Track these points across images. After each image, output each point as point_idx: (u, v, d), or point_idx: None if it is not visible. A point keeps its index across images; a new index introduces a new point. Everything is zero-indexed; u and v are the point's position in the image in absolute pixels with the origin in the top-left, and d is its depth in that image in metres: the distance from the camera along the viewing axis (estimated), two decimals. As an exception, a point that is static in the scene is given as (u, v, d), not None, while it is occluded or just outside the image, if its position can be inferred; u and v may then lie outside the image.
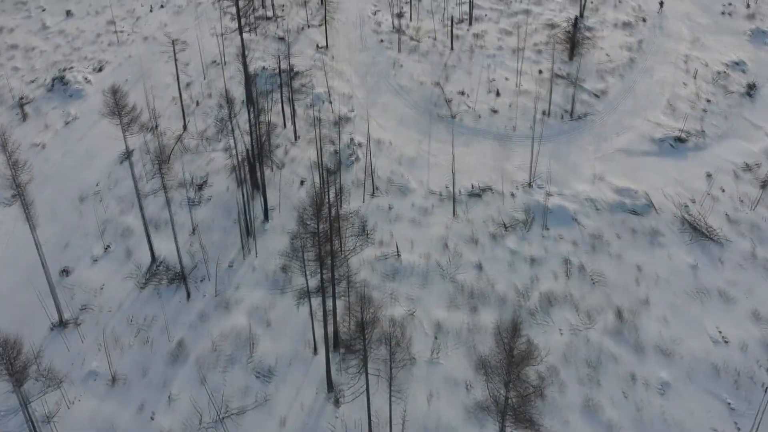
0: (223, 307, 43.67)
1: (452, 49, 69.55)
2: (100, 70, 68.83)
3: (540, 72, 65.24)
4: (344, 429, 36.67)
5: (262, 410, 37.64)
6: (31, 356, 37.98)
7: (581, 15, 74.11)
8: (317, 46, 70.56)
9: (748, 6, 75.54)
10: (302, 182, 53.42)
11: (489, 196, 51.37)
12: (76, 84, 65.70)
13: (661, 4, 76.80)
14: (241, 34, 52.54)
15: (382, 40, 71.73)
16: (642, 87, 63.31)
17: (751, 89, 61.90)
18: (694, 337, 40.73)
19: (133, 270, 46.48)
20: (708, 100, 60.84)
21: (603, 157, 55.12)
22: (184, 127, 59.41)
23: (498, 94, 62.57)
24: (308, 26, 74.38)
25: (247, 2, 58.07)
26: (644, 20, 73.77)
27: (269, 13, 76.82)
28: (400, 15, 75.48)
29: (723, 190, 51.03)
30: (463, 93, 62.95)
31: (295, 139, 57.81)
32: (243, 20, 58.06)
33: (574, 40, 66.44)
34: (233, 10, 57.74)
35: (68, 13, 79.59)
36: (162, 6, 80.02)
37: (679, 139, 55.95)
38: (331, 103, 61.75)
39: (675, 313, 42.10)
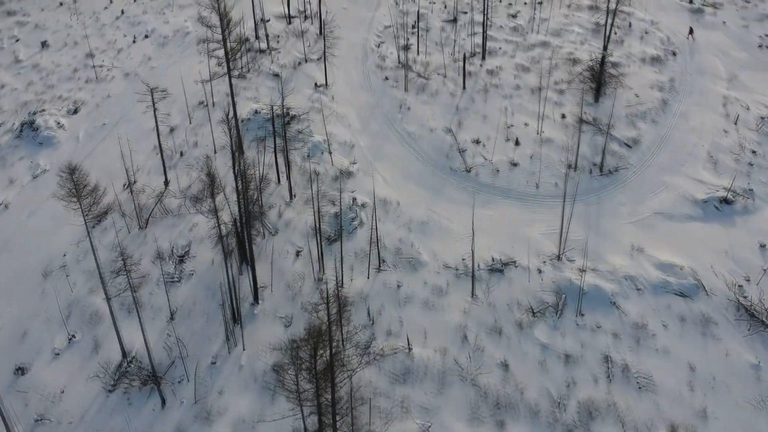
0: (203, 418, 36.96)
1: (464, 88, 62.98)
2: (75, 112, 62.16)
3: (563, 116, 58.65)
4: None
5: None
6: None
7: (605, 48, 67.50)
8: (315, 84, 63.98)
9: (787, 38, 69.18)
10: (298, 253, 46.80)
11: (512, 272, 44.77)
12: (47, 130, 59.02)
13: (691, 30, 70.33)
14: (231, 93, 45.79)
15: (386, 78, 65.16)
16: (678, 135, 56.73)
17: (800, 138, 55.42)
18: (764, 463, 34.16)
19: (101, 368, 39.77)
20: (753, 152, 54.27)
21: (640, 222, 48.50)
22: (166, 183, 52.76)
23: (517, 143, 55.97)
24: (306, 60, 67.82)
25: (236, 44, 51.52)
26: (674, 54, 67.24)
27: (263, 45, 70.27)
28: (406, 48, 68.93)
29: (781, 266, 44.49)
30: (478, 141, 56.36)
31: (291, 198, 51.20)
32: (231, 63, 51.53)
33: (600, 80, 59.89)
34: (221, 52, 51.26)
35: (44, 44, 73.03)
36: (146, 36, 73.45)
37: (725, 201, 49.37)
38: (330, 153, 55.16)
39: (738, 430, 35.45)
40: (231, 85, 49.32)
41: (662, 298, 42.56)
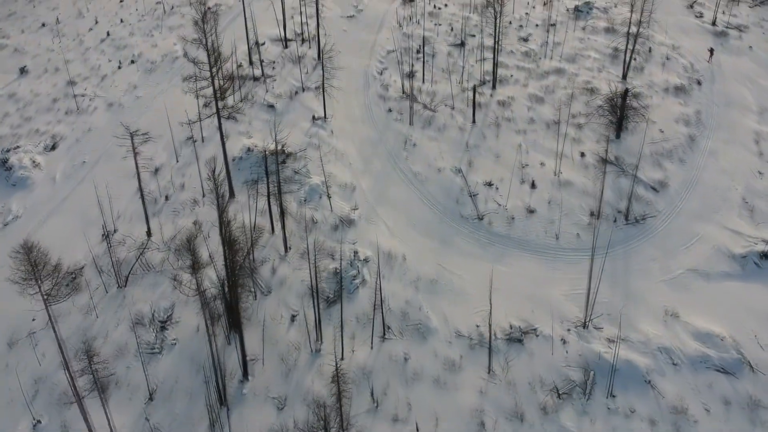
0: None
1: (474, 121, 58.25)
2: (53, 148, 57.40)
3: (582, 155, 53.93)
4: None
5: None
6: None
7: (624, 76, 62.93)
8: (313, 117, 59.24)
9: (819, 65, 64.55)
10: (293, 318, 42.04)
11: (533, 342, 40.02)
12: (22, 169, 54.24)
13: (711, 52, 65.92)
14: (222, 140, 41.01)
15: (390, 109, 60.41)
16: (708, 177, 52.05)
17: (842, 181, 50.78)
18: None
19: (67, 462, 35.05)
20: (792, 197, 49.66)
21: (672, 280, 43.77)
22: (148, 233, 47.98)
23: (533, 185, 51.26)
24: (303, 89, 63.09)
25: (226, 81, 46.80)
26: (699, 83, 62.55)
27: (257, 72, 65.50)
28: (410, 75, 64.20)
29: (834, 336, 39.77)
30: (490, 184, 51.63)
31: (286, 250, 46.47)
32: (221, 102, 46.83)
33: (622, 115, 55.17)
34: (209, 89, 46.54)
35: (22, 70, 68.24)
36: (132, 62, 68.64)
37: (765, 256, 44.66)
38: (329, 197, 50.41)
39: None
40: (221, 131, 44.56)
41: (702, 375, 37.83)
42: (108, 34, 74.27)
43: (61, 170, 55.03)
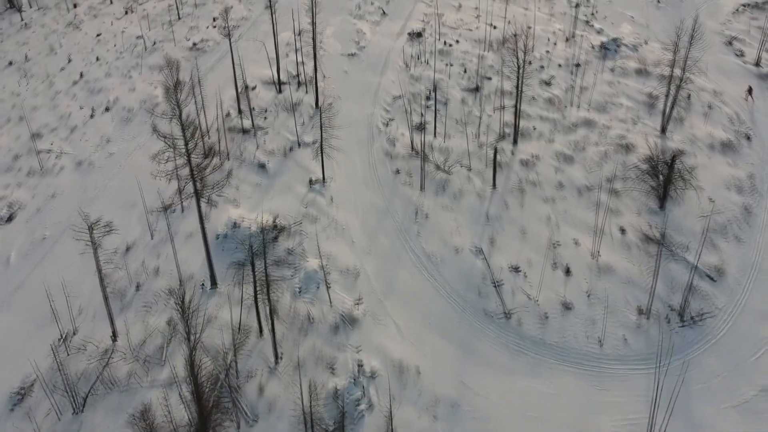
0: None
1: (494, 186, 50.77)
2: (10, 219, 49.84)
3: (622, 231, 46.43)
4: None
5: None
6: None
7: (663, 130, 55.48)
8: (310, 180, 51.72)
9: None
10: (285, 459, 34.49)
11: (580, 496, 32.46)
12: (-30, 249, 46.77)
13: (749, 90, 58.88)
14: (203, 229, 33.52)
15: (398, 170, 52.88)
16: (771, 260, 44.60)
17: None
18: None
19: None
20: None
21: (743, 406, 36.17)
22: (113, 337, 40.39)
23: (568, 271, 43.73)
24: (299, 145, 55.57)
25: (204, 157, 39.25)
26: (748, 138, 55.06)
27: (246, 123, 57.94)
28: (420, 127, 56.59)
29: None
30: (517, 269, 44.10)
31: (276, 359, 38.89)
32: (200, 181, 39.30)
33: (668, 184, 47.65)
34: (185, 170, 38.97)
35: (-18, 119, 60.82)
36: (107, 109, 61.05)
37: None
38: (328, 287, 42.86)
39: None
40: (200, 214, 36.95)
41: None
42: (81, 75, 66.71)
43: (17, 248, 47.46)
